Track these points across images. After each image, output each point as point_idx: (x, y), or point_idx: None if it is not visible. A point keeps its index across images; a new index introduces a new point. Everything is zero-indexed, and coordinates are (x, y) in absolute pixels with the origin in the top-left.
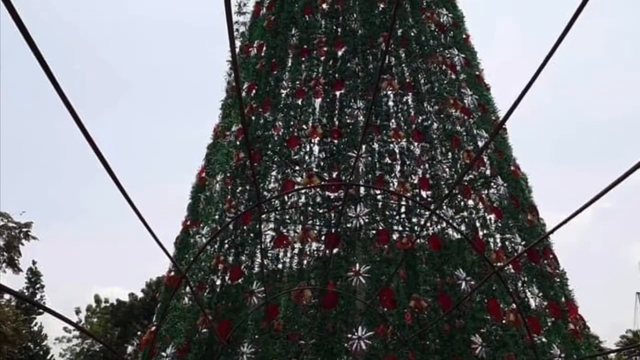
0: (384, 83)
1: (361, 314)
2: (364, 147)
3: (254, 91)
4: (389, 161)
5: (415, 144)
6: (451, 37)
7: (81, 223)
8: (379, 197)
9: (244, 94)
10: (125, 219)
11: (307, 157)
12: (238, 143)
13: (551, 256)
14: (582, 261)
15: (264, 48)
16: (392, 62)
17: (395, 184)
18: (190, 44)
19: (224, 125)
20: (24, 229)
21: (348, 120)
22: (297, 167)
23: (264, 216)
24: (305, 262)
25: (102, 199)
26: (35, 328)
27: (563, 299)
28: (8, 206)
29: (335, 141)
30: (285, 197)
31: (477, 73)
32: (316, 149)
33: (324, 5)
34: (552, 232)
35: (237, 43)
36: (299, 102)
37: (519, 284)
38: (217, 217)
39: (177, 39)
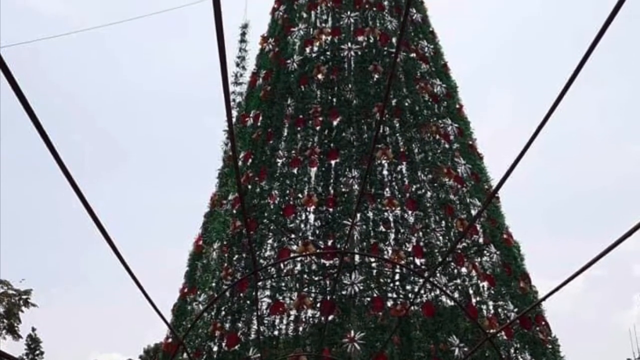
0: (378, 152)
1: None
2: (358, 215)
3: (250, 160)
4: (384, 229)
5: (410, 212)
6: (445, 107)
7: (80, 290)
8: (373, 264)
9: (240, 163)
10: (124, 285)
11: (302, 226)
12: (234, 211)
13: (543, 323)
14: (574, 328)
15: (260, 118)
16: (386, 132)
17: (390, 251)
18: (187, 113)
19: (221, 193)
20: (24, 296)
21: (343, 189)
22: (292, 235)
23: (260, 284)
24: (301, 328)
25: (100, 266)
26: None
27: None
28: (8, 274)
29: (331, 210)
30: (281, 265)
31: (470, 142)
32: (312, 217)
33: (320, 76)
34: (544, 299)
35: (234, 113)
36: (295, 171)
37: (512, 351)
38: (214, 284)
39: (174, 109)
